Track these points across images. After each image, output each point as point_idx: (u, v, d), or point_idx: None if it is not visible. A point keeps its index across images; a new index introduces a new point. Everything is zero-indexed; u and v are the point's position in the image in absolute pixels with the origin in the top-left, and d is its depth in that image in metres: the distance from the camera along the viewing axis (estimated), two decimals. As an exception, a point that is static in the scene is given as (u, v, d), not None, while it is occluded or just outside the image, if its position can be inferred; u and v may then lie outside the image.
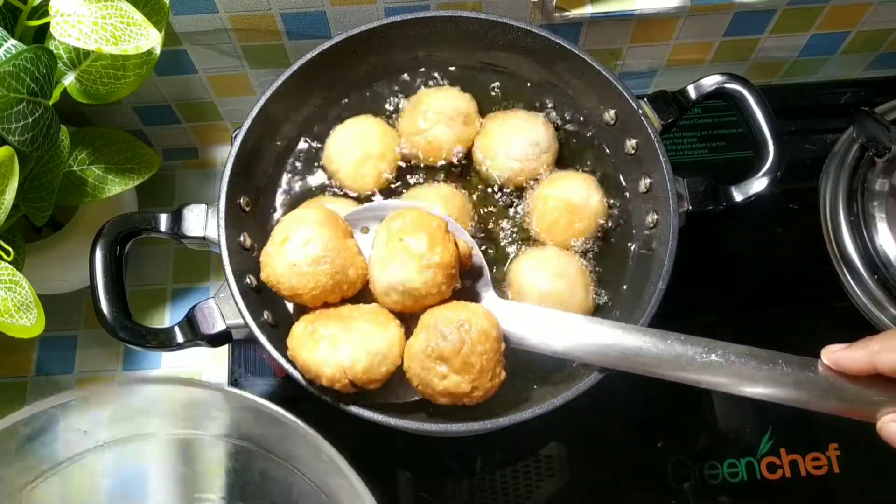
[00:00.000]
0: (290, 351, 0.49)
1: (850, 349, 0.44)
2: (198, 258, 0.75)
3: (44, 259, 0.64)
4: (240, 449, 0.51)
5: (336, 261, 0.49)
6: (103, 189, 0.61)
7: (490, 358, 0.47)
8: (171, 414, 0.51)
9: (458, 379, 0.47)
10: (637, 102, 0.59)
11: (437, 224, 0.49)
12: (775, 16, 0.69)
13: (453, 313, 0.48)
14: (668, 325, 0.50)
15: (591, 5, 0.65)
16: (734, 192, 0.60)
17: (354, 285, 0.51)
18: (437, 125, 0.60)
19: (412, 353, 0.48)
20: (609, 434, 0.67)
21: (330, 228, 0.50)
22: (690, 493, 0.64)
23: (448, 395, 0.48)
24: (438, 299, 0.49)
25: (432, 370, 0.47)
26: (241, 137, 0.58)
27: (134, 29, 0.51)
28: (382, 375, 0.48)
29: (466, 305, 0.49)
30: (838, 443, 0.66)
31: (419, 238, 0.48)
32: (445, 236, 0.49)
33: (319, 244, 0.49)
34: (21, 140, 0.49)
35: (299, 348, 0.48)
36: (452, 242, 0.49)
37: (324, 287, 0.49)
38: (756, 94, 0.60)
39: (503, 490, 0.64)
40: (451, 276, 0.49)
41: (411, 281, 0.48)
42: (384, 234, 0.50)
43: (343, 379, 0.47)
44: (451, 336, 0.47)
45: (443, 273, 0.48)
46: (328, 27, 0.65)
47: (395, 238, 0.49)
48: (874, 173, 0.71)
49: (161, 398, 0.50)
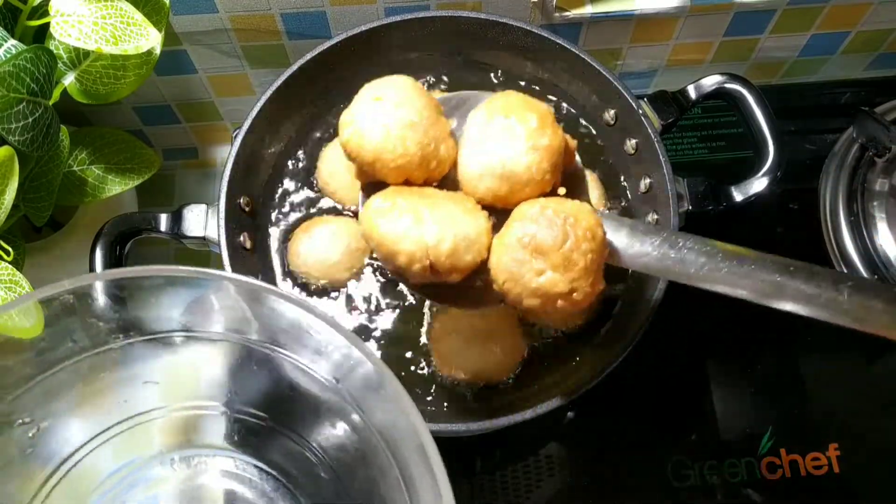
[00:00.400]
0: (365, 224, 0.42)
1: None
2: (198, 258, 0.74)
3: (44, 259, 0.64)
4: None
5: (429, 132, 0.43)
6: (103, 189, 0.61)
7: (594, 260, 0.40)
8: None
9: (557, 276, 0.40)
10: (637, 102, 0.59)
11: (547, 108, 0.43)
12: (775, 16, 0.69)
13: (556, 205, 0.41)
14: (668, 325, 0.50)
15: (591, 5, 0.65)
16: (734, 192, 0.60)
17: (442, 165, 0.44)
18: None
19: (504, 243, 0.41)
20: (609, 434, 0.67)
21: (425, 98, 0.44)
22: (690, 493, 0.64)
23: (541, 296, 0.40)
24: (539, 191, 0.42)
25: (526, 264, 0.40)
26: (241, 137, 0.58)
27: (134, 29, 0.51)
28: (466, 265, 0.41)
29: (570, 200, 0.42)
30: (838, 443, 0.66)
31: (527, 117, 0.42)
32: (555, 122, 0.43)
33: (414, 110, 0.42)
34: (21, 140, 0.49)
35: (377, 219, 0.41)
36: (561, 130, 0.43)
37: (412, 158, 0.42)
38: (756, 94, 0.61)
39: (503, 490, 0.64)
40: (556, 167, 0.42)
41: (514, 162, 0.41)
42: (483, 113, 0.43)
43: (424, 260, 0.40)
44: (554, 227, 0.40)
45: (550, 159, 0.41)
46: (328, 27, 0.65)
47: (499, 115, 0.42)
48: (874, 173, 0.71)
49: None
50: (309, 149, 0.64)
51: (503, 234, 0.41)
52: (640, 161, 0.60)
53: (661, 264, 0.42)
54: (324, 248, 0.58)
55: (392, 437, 0.44)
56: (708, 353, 0.69)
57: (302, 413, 0.50)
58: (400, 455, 0.43)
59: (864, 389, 0.69)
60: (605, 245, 0.42)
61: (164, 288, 0.44)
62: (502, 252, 0.41)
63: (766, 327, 0.70)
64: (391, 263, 0.42)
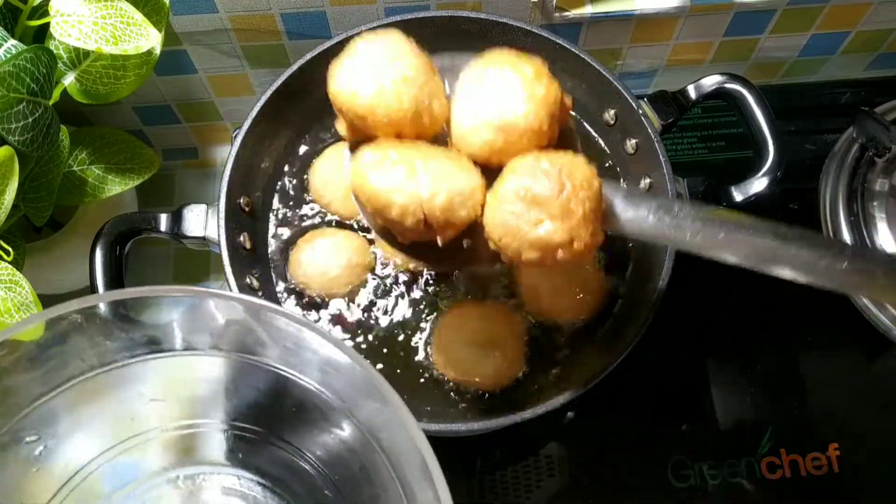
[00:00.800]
0: (355, 178, 0.41)
1: None
2: (198, 258, 0.75)
3: (44, 259, 0.64)
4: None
5: (423, 88, 0.41)
6: (103, 189, 0.61)
7: (592, 209, 0.39)
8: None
9: (555, 226, 0.38)
10: (637, 102, 0.59)
11: (541, 62, 0.42)
12: (775, 16, 0.69)
13: (551, 156, 0.40)
14: (669, 325, 0.50)
15: (591, 5, 0.65)
16: (734, 192, 0.60)
17: (435, 122, 0.42)
18: None
19: (499, 197, 0.39)
20: (609, 434, 0.67)
21: (419, 54, 0.42)
22: (690, 493, 0.64)
23: (540, 248, 0.39)
24: (535, 143, 0.41)
25: (523, 216, 0.39)
26: (241, 137, 0.58)
27: (134, 29, 0.51)
28: (462, 220, 0.40)
29: (564, 152, 0.41)
30: (838, 443, 0.66)
31: (522, 69, 0.41)
32: (550, 74, 0.42)
33: (409, 65, 0.41)
34: (21, 140, 0.49)
35: (368, 171, 0.39)
36: (557, 83, 0.42)
37: (406, 112, 0.40)
38: (756, 94, 0.60)
39: (503, 490, 0.64)
40: (553, 117, 0.41)
41: (511, 112, 0.40)
42: (477, 68, 0.42)
43: (418, 213, 0.39)
44: (550, 177, 0.38)
45: (547, 108, 0.40)
46: (328, 27, 0.65)
47: (492, 67, 0.41)
48: (874, 173, 0.71)
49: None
50: (309, 149, 0.64)
51: (497, 188, 0.40)
52: (640, 161, 0.60)
53: (657, 230, 0.41)
54: (325, 261, 0.59)
55: (394, 452, 0.43)
56: (708, 353, 0.69)
57: (306, 430, 0.51)
58: (401, 471, 0.43)
59: (864, 389, 0.69)
60: (601, 195, 0.41)
61: (169, 305, 0.44)
62: (497, 206, 0.39)
63: (766, 327, 0.70)
64: (382, 217, 0.40)
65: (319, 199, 0.61)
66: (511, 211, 0.39)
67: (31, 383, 0.44)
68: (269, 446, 0.52)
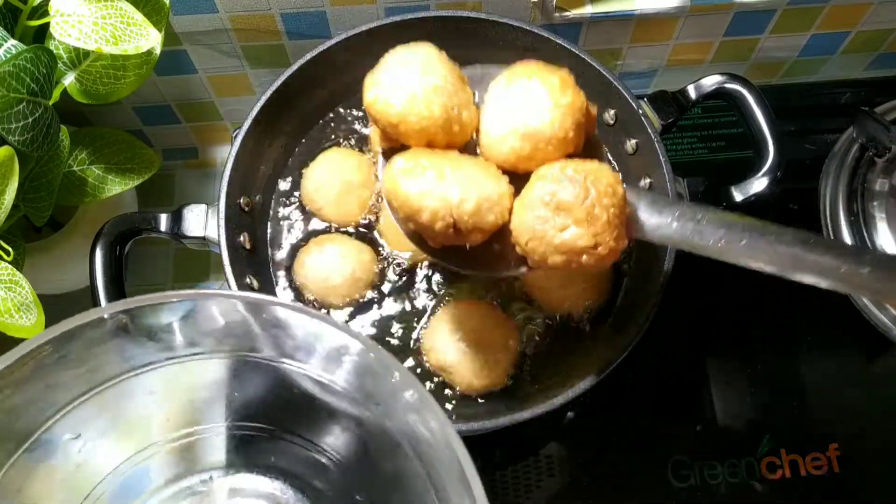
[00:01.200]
0: (388, 184, 0.42)
1: None
2: (198, 258, 0.75)
3: (44, 259, 0.64)
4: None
5: (453, 97, 0.43)
6: (103, 189, 0.61)
7: (616, 214, 0.41)
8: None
9: (580, 231, 0.40)
10: (637, 102, 0.59)
11: (567, 72, 0.44)
12: (775, 16, 0.69)
13: (576, 164, 0.41)
14: (669, 326, 0.50)
15: (591, 5, 0.65)
16: (734, 192, 0.60)
17: (465, 130, 0.44)
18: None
19: (525, 203, 0.41)
20: (609, 434, 0.67)
21: (449, 65, 0.44)
22: (690, 493, 0.64)
23: (566, 252, 0.41)
24: (562, 151, 0.43)
25: (549, 221, 0.40)
26: (240, 137, 0.58)
27: (134, 29, 0.51)
28: (489, 225, 0.42)
29: (589, 161, 0.42)
30: (838, 443, 0.66)
31: (549, 78, 0.42)
32: (576, 84, 0.43)
33: (440, 75, 0.43)
34: (21, 140, 0.49)
35: (401, 178, 0.41)
36: (582, 93, 0.43)
37: (436, 120, 0.42)
38: (756, 94, 0.61)
39: (503, 490, 0.64)
40: (579, 126, 0.43)
41: (536, 120, 0.41)
42: (504, 78, 0.44)
43: (447, 217, 0.41)
44: (575, 184, 0.40)
45: (573, 115, 0.42)
46: (328, 27, 0.65)
47: (520, 78, 0.43)
48: (874, 173, 0.71)
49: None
50: (310, 149, 0.64)
51: (524, 194, 0.42)
52: (640, 161, 0.60)
53: (681, 236, 0.42)
54: (329, 267, 0.58)
55: (429, 458, 0.44)
56: (708, 353, 0.69)
57: (322, 427, 0.51)
58: (439, 480, 0.43)
59: (864, 389, 0.69)
60: (625, 201, 0.42)
61: (174, 309, 0.44)
62: (524, 212, 0.41)
63: (766, 327, 0.70)
64: (414, 221, 0.42)
65: (311, 204, 0.61)
66: (537, 216, 0.40)
67: (76, 380, 0.44)
68: (281, 442, 0.52)
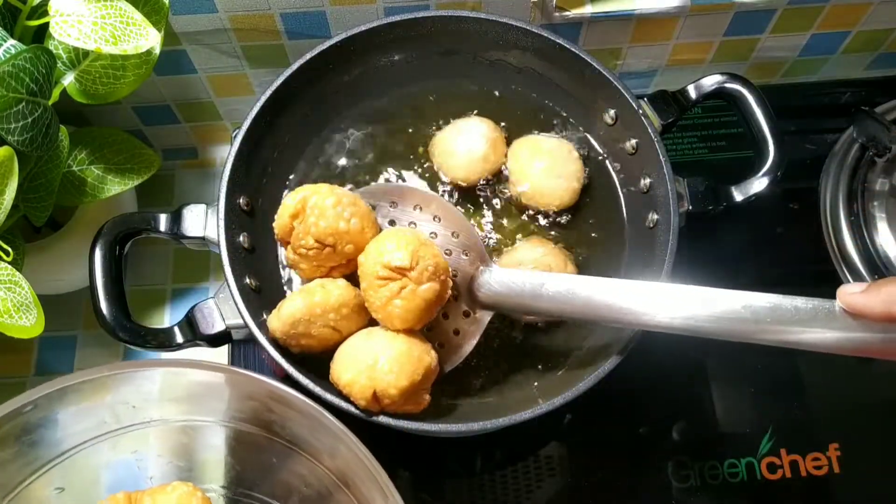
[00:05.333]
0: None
1: (867, 295, 0.42)
2: (197, 258, 0.74)
3: (43, 259, 0.64)
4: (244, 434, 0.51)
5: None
6: (103, 189, 0.61)
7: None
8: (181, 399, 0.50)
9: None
10: (637, 102, 0.59)
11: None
12: (775, 16, 0.69)
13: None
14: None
15: (591, 5, 0.65)
16: (734, 192, 0.60)
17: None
18: (468, 164, 0.61)
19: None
20: (609, 434, 0.67)
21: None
22: (690, 493, 0.64)
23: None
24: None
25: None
26: (240, 137, 0.58)
27: (133, 29, 0.51)
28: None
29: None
30: (838, 443, 0.66)
31: None
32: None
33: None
34: (20, 140, 0.49)
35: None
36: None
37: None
38: (756, 94, 0.60)
39: (503, 490, 0.64)
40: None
41: None
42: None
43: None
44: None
45: None
46: (328, 27, 0.65)
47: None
48: (874, 173, 0.71)
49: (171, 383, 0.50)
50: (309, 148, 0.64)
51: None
52: (640, 161, 0.60)
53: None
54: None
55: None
56: (708, 353, 0.69)
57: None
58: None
59: (864, 389, 0.69)
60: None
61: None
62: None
63: (766, 327, 0.70)
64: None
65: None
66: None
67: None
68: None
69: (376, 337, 0.50)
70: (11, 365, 0.71)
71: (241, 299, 0.53)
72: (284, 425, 0.49)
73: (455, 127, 0.63)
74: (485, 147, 0.61)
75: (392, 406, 0.50)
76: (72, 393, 0.45)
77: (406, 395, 0.49)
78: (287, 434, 0.49)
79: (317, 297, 0.50)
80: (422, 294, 0.48)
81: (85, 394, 0.45)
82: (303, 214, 0.50)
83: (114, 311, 0.53)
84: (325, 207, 0.50)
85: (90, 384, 0.45)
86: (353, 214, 0.51)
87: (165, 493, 0.49)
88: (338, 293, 0.50)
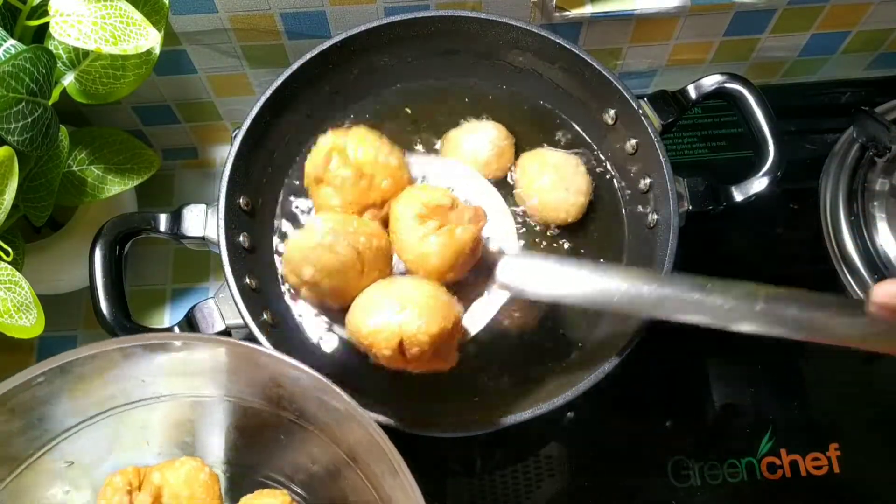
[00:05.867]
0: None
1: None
2: (197, 258, 0.74)
3: (43, 259, 0.64)
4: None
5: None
6: (103, 189, 0.61)
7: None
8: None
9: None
10: (637, 102, 0.59)
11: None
12: (775, 16, 0.69)
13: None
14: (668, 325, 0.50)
15: (591, 5, 0.65)
16: (734, 192, 0.60)
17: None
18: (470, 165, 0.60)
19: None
20: (609, 434, 0.67)
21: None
22: (690, 493, 0.64)
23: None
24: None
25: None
26: (240, 137, 0.58)
27: (133, 29, 0.51)
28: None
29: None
30: (838, 443, 0.66)
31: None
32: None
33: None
34: (20, 140, 0.49)
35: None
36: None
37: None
38: (756, 94, 0.61)
39: (503, 490, 0.64)
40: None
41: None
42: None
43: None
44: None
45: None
46: (328, 27, 0.65)
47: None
48: (874, 173, 0.71)
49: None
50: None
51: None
52: (640, 161, 0.60)
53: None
54: None
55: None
56: (708, 353, 0.69)
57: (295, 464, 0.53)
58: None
59: (864, 389, 0.69)
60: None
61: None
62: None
63: (766, 327, 0.70)
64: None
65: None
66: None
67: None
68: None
69: (400, 283, 0.47)
70: (11, 365, 0.71)
71: (241, 299, 0.53)
72: (293, 400, 0.47)
73: (467, 127, 0.62)
74: (489, 152, 0.60)
75: (420, 359, 0.45)
76: (80, 367, 0.44)
77: (436, 345, 0.45)
78: (295, 409, 0.48)
79: (351, 214, 0.48)
80: (461, 235, 0.46)
81: (95, 368, 0.45)
82: (340, 153, 0.48)
83: (114, 311, 0.54)
84: (366, 140, 0.48)
85: (100, 357, 0.44)
86: (391, 153, 0.49)
87: (174, 467, 0.49)
88: (370, 222, 0.48)
